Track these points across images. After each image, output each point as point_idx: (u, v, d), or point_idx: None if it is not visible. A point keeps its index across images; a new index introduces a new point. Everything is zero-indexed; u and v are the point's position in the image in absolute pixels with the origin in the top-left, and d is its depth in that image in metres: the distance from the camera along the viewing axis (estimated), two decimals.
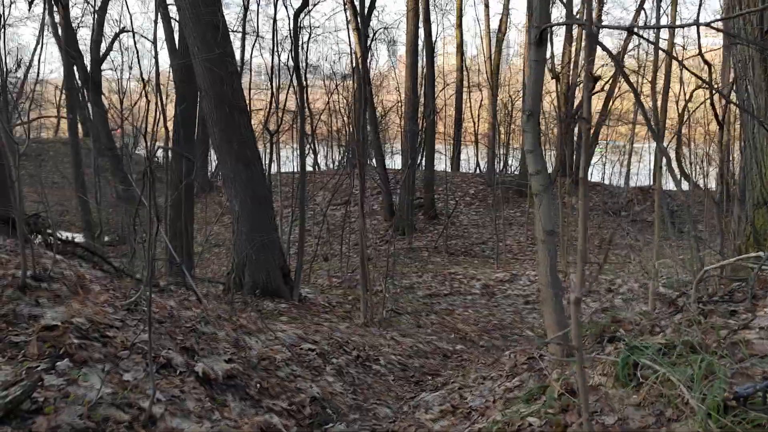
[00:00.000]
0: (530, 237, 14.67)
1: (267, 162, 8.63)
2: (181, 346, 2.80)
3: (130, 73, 24.10)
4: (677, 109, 19.55)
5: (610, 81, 20.26)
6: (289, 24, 14.82)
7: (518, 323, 6.12)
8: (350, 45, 17.40)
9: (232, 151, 5.94)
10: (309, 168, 22.41)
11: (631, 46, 22.00)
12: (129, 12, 17.83)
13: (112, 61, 22.69)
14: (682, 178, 19.83)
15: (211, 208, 15.86)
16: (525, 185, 16.03)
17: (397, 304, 5.87)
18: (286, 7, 19.33)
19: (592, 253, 13.64)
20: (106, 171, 16.55)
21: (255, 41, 18.21)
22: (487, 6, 18.77)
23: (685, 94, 18.18)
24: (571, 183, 16.71)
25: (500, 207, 14.41)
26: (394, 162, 23.64)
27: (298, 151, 6.71)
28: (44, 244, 4.43)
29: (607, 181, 21.48)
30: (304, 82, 6.56)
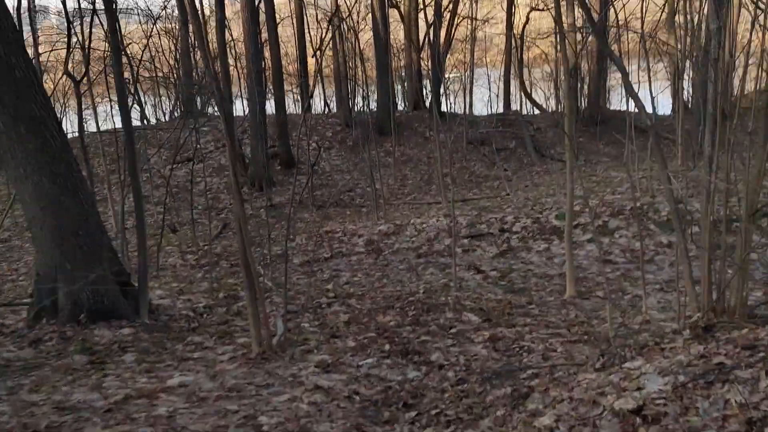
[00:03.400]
0: (399, 179, 13.66)
1: (77, 120, 6.42)
2: None
3: None
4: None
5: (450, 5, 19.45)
6: None
7: (437, 293, 4.95)
8: None
9: (6, 107, 3.78)
10: (136, 122, 19.30)
11: None
12: None
13: None
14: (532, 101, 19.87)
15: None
16: (387, 122, 14.88)
17: (287, 293, 4.32)
18: None
19: (465, 187, 13.01)
20: None
21: None
22: None
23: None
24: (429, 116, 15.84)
25: (364, 149, 13.14)
26: (236, 109, 21.29)
27: (118, 103, 4.69)
28: None
29: (459, 111, 21.05)
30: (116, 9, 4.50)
